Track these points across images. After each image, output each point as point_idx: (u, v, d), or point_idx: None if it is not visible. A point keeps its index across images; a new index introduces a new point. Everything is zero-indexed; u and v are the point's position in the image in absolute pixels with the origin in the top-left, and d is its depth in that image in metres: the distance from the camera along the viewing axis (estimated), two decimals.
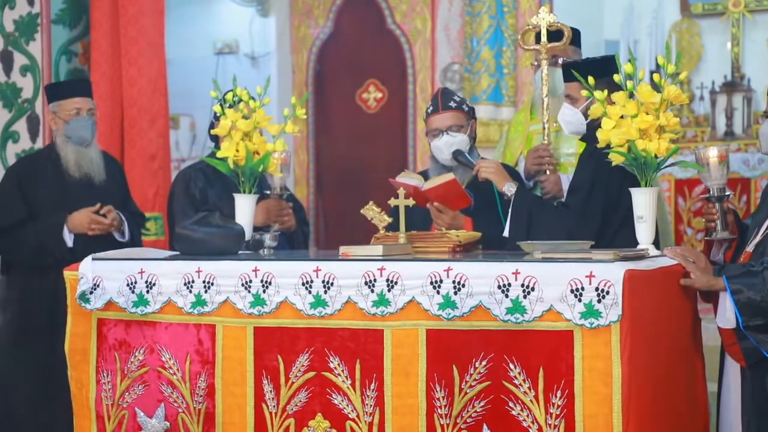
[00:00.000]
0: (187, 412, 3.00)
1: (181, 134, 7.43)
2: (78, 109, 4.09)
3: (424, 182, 3.44)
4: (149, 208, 5.40)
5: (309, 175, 7.26)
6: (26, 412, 4.03)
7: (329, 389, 2.83)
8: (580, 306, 2.55)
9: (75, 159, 4.09)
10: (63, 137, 4.11)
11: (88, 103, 4.14)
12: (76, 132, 4.07)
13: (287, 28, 7.17)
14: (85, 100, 4.14)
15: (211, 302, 2.96)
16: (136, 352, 3.06)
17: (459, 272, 2.69)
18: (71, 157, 4.09)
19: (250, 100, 3.46)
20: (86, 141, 4.10)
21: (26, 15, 5.47)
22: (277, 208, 3.75)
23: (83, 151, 4.11)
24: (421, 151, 6.76)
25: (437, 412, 2.70)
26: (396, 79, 6.91)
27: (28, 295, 4.03)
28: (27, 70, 5.50)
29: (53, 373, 3.80)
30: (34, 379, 3.99)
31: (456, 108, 3.62)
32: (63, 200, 4.04)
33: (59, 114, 4.12)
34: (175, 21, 6.23)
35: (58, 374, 3.64)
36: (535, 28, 3.79)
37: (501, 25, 6.28)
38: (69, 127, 4.08)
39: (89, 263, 3.11)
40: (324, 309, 2.82)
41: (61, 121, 4.11)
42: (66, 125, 4.09)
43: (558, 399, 2.58)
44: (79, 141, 4.09)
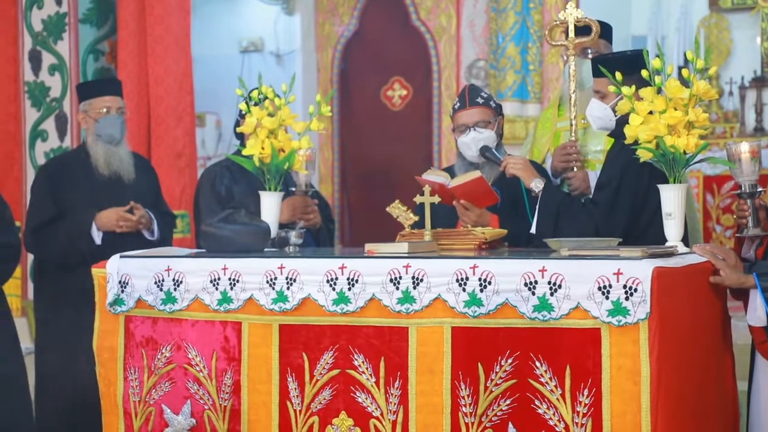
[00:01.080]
0: (212, 409, 3.01)
1: (207, 132, 7.46)
2: (108, 107, 4.13)
3: (451, 179, 3.43)
4: (176, 205, 5.43)
5: (334, 172, 7.27)
6: (56, 408, 4.06)
7: (353, 387, 2.83)
8: (607, 303, 2.53)
9: (105, 157, 4.12)
10: (93, 136, 4.15)
11: (117, 102, 4.17)
12: (106, 130, 4.10)
13: (312, 26, 7.17)
14: (115, 98, 4.17)
15: (236, 299, 2.97)
16: (162, 349, 3.07)
17: (485, 269, 2.67)
18: (101, 155, 4.12)
19: (276, 97, 3.46)
20: (115, 139, 4.13)
21: (54, 15, 5.52)
22: (302, 205, 3.75)
23: (113, 150, 4.13)
24: (446, 148, 6.74)
25: (462, 411, 2.69)
26: (421, 76, 6.89)
27: (58, 292, 4.06)
28: (55, 69, 5.55)
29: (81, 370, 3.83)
30: (63, 376, 4.02)
31: (483, 104, 3.60)
32: (92, 199, 4.07)
33: (89, 113, 4.15)
34: (200, 19, 6.26)
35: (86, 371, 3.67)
36: (563, 23, 3.76)
37: (527, 21, 6.24)
38: (99, 125, 4.11)
39: (116, 261, 3.13)
40: (346, 306, 2.82)
41: (91, 120, 4.14)
42: (96, 124, 4.12)
43: (585, 397, 2.56)
44: (109, 139, 4.12)
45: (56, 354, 4.07)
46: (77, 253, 3.98)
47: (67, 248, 4.01)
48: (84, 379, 3.79)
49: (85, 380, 3.76)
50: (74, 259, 3.98)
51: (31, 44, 5.60)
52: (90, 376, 3.35)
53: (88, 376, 3.57)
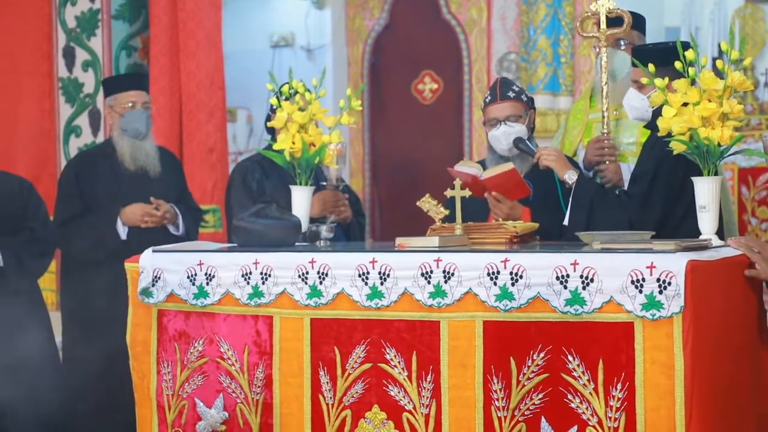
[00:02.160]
0: (245, 403, 3.02)
1: (239, 127, 7.49)
2: (133, 102, 4.15)
3: (482, 171, 3.41)
4: (207, 200, 5.46)
5: (364, 166, 7.27)
6: (89, 403, 4.10)
7: (385, 381, 2.82)
8: (641, 297, 2.51)
9: (130, 152, 4.15)
10: (119, 131, 4.18)
11: (143, 97, 4.20)
12: (132, 124, 4.13)
13: (343, 20, 7.17)
14: (140, 93, 4.19)
15: (268, 294, 2.98)
16: (195, 343, 3.09)
17: (516, 263, 2.66)
18: (127, 150, 4.15)
19: (306, 92, 3.47)
20: (141, 134, 4.16)
21: (87, 11, 5.57)
22: (333, 199, 3.75)
23: (139, 144, 4.16)
24: (477, 141, 6.72)
25: (494, 405, 2.68)
26: (451, 69, 6.87)
27: (85, 287, 4.10)
28: (88, 65, 5.60)
29: (112, 364, 3.87)
30: (95, 371, 4.06)
31: (515, 98, 3.59)
32: (118, 193, 4.10)
33: (115, 108, 4.19)
34: (231, 14, 6.28)
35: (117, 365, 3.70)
36: (594, 15, 3.73)
37: (558, 13, 6.19)
38: (124, 120, 4.14)
39: (149, 255, 3.15)
40: (380, 300, 2.82)
41: (116, 115, 4.18)
42: (121, 119, 4.15)
43: (618, 391, 2.54)
44: (134, 134, 4.15)
45: (84, 348, 4.11)
46: (103, 248, 4.01)
47: (93, 243, 4.04)
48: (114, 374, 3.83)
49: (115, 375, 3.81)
50: (100, 254, 4.02)
51: (65, 40, 5.65)
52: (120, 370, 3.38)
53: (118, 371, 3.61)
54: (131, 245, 3.83)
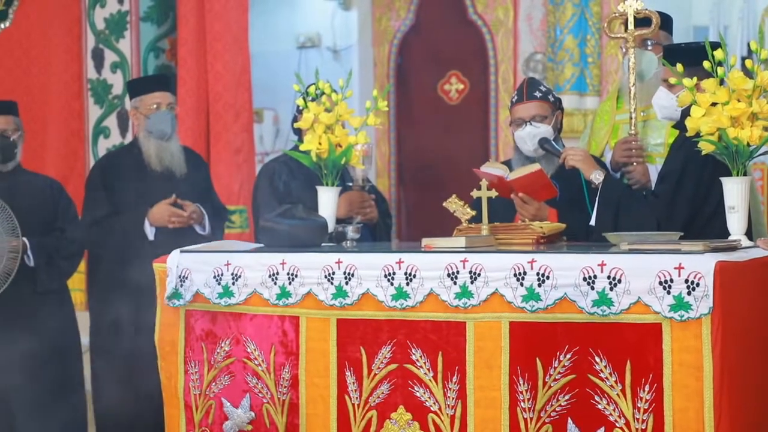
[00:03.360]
0: (271, 403, 3.04)
1: (265, 128, 7.51)
2: (158, 103, 4.18)
3: (509, 172, 3.41)
4: (234, 201, 5.49)
5: (390, 167, 7.26)
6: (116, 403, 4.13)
7: (411, 381, 2.82)
8: (669, 298, 2.49)
9: (156, 153, 4.17)
10: (144, 132, 4.21)
11: (167, 98, 4.22)
12: (157, 126, 4.16)
13: (369, 21, 7.18)
14: (165, 94, 4.22)
15: (295, 294, 2.98)
16: (222, 343, 3.10)
17: (543, 264, 2.65)
18: (152, 151, 4.18)
19: (333, 93, 3.47)
20: (166, 135, 4.18)
21: (116, 13, 5.62)
22: (359, 200, 3.76)
23: (164, 145, 4.19)
24: (503, 142, 6.69)
25: (520, 406, 2.67)
26: (478, 70, 6.85)
27: (113, 287, 4.13)
28: (117, 66, 5.65)
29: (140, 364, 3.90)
30: (123, 370, 4.09)
31: (541, 98, 3.57)
32: (145, 194, 4.12)
33: (140, 109, 4.21)
34: (258, 15, 6.30)
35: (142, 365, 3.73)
36: (622, 15, 3.71)
37: (585, 12, 6.16)
38: (149, 121, 4.17)
39: (177, 256, 3.17)
40: (406, 301, 2.82)
41: (142, 116, 4.20)
42: (147, 120, 4.18)
43: (646, 393, 2.53)
44: (160, 135, 4.17)
45: (112, 348, 4.14)
46: (131, 248, 4.04)
47: (121, 244, 4.07)
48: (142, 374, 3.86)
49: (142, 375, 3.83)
50: (128, 255, 4.05)
51: (94, 42, 5.70)
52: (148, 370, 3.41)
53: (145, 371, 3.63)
54: (158, 245, 3.85)
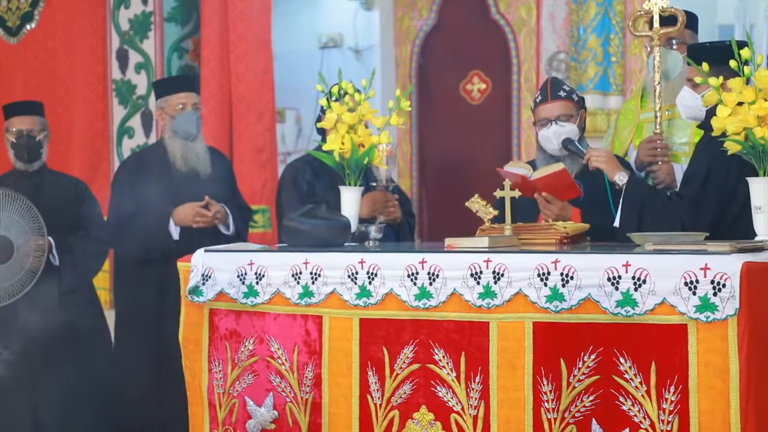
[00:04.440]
0: (294, 402, 3.04)
1: (287, 128, 7.52)
2: (183, 104, 4.19)
3: (532, 172, 3.39)
4: (257, 200, 5.50)
5: (412, 166, 7.26)
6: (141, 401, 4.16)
7: (434, 381, 2.82)
8: (694, 299, 2.48)
9: (181, 153, 4.19)
10: (170, 132, 4.22)
11: (193, 98, 4.24)
12: (182, 126, 4.18)
13: (391, 21, 7.17)
14: (190, 95, 4.23)
15: (318, 293, 2.99)
16: (246, 342, 3.11)
17: (567, 264, 2.64)
18: (178, 151, 4.20)
19: (356, 93, 3.48)
20: (192, 135, 4.20)
21: (140, 14, 5.65)
22: (382, 199, 3.76)
23: (189, 146, 4.21)
24: (526, 142, 6.67)
25: (544, 406, 2.66)
26: (500, 69, 6.83)
27: (137, 287, 4.15)
28: (141, 67, 5.68)
29: (163, 362, 3.93)
30: (147, 369, 4.11)
31: (565, 97, 3.56)
32: (170, 194, 4.14)
33: (166, 109, 4.23)
34: (280, 16, 6.32)
35: (167, 363, 3.75)
36: (647, 13, 3.69)
37: (609, 11, 6.12)
38: (175, 122, 4.18)
39: (201, 255, 3.18)
40: (429, 301, 2.81)
41: (167, 117, 4.22)
42: (172, 120, 4.19)
43: (671, 394, 2.51)
44: (185, 135, 4.19)
45: (137, 346, 4.17)
46: (156, 248, 4.06)
47: (146, 243, 4.09)
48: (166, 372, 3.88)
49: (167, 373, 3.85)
50: (153, 254, 4.07)
51: (119, 43, 5.74)
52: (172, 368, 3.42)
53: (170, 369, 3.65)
54: (183, 245, 3.87)
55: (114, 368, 4.26)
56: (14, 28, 6.15)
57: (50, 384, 4.01)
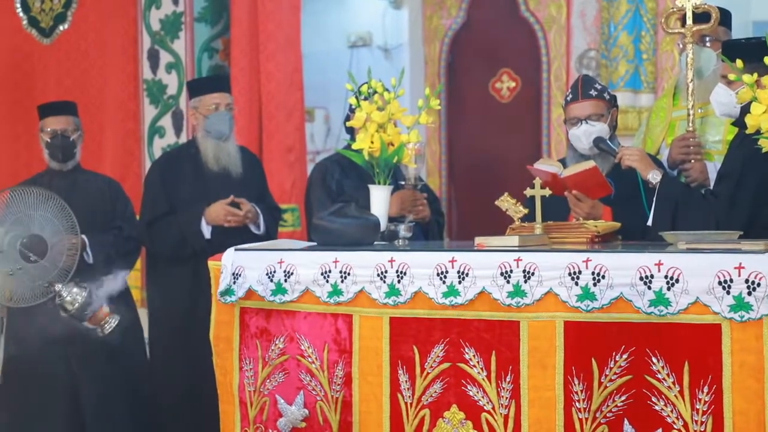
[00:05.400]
0: (325, 400, 3.05)
1: (316, 127, 7.55)
2: (217, 104, 4.22)
3: (563, 169, 3.37)
4: (286, 199, 5.52)
5: (441, 165, 7.25)
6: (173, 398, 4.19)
7: (464, 380, 2.82)
8: (728, 299, 2.45)
9: (214, 153, 4.22)
10: (203, 132, 4.25)
11: (226, 98, 4.26)
12: (215, 127, 4.20)
13: (420, 20, 7.17)
14: (224, 95, 4.26)
15: (347, 292, 2.99)
16: (276, 341, 3.12)
17: (598, 263, 2.62)
18: (210, 151, 4.22)
19: (385, 91, 3.47)
20: (224, 135, 4.23)
21: (171, 14, 5.69)
22: (411, 198, 3.76)
23: (222, 146, 4.23)
24: (555, 140, 6.63)
25: (575, 406, 2.65)
26: (530, 67, 6.80)
27: (169, 286, 4.18)
28: (172, 67, 5.72)
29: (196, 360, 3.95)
30: (179, 367, 4.14)
31: (596, 96, 3.53)
32: (202, 193, 4.17)
33: (199, 109, 4.25)
34: (309, 15, 6.33)
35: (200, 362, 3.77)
36: (680, 10, 3.65)
37: (640, 8, 6.07)
38: (209, 121, 4.21)
39: (231, 254, 3.20)
40: (456, 299, 2.81)
41: (201, 116, 4.24)
42: (205, 120, 4.22)
43: (705, 394, 2.49)
44: (218, 135, 4.22)
45: (168, 345, 4.20)
46: (188, 246, 4.09)
47: (179, 242, 4.12)
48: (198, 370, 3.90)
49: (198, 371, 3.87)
50: (185, 253, 4.10)
51: (150, 43, 5.78)
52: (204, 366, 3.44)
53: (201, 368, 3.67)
54: (215, 244, 3.89)
55: (148, 366, 4.29)
56: (47, 29, 6.22)
57: (87, 381, 4.05)
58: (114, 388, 4.11)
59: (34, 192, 3.40)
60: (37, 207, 3.40)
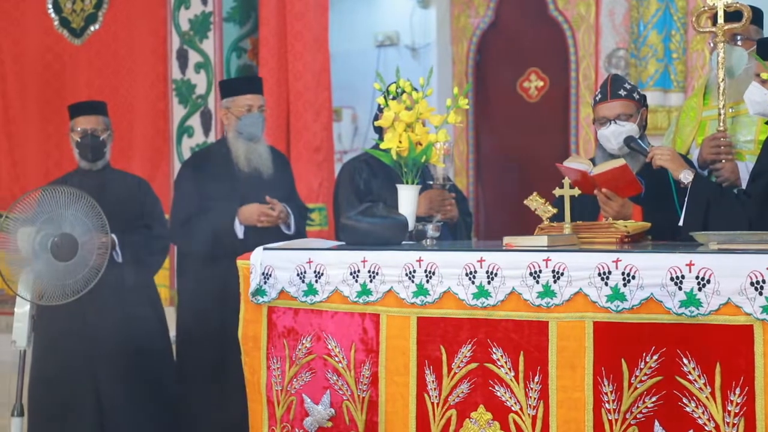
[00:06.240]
0: (351, 400, 3.05)
1: (343, 126, 7.56)
2: (249, 105, 4.23)
3: (592, 167, 3.35)
4: (314, 198, 5.54)
5: (468, 165, 7.23)
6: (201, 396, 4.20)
7: (492, 381, 2.80)
8: (761, 299, 2.42)
9: (245, 154, 4.23)
10: (234, 132, 4.26)
11: (259, 100, 4.27)
12: (247, 128, 4.21)
13: (447, 19, 7.16)
14: (257, 97, 4.27)
15: (375, 291, 2.99)
16: (303, 340, 3.13)
17: (628, 263, 2.60)
18: (241, 152, 4.23)
19: (413, 91, 3.47)
20: (256, 137, 4.24)
21: (200, 14, 5.72)
22: (439, 198, 3.75)
23: (253, 147, 4.24)
24: (584, 139, 6.60)
25: (605, 407, 2.63)
26: (558, 67, 6.77)
27: (201, 284, 4.20)
28: (200, 67, 5.75)
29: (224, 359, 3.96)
30: (207, 365, 4.16)
31: (626, 96, 3.50)
32: (233, 193, 4.18)
33: (232, 110, 4.26)
34: (337, 15, 6.35)
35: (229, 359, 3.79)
36: (711, 9, 3.62)
37: (670, 7, 6.03)
38: (241, 123, 4.22)
39: (260, 253, 3.20)
40: (487, 300, 2.80)
41: (233, 117, 4.25)
42: (238, 121, 4.23)
43: (737, 396, 2.46)
44: (250, 137, 4.23)
45: (197, 343, 4.21)
46: (221, 246, 4.11)
47: (211, 241, 4.14)
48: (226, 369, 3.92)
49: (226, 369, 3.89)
50: (217, 252, 4.11)
51: (179, 43, 5.82)
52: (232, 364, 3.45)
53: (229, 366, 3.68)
54: (247, 244, 3.91)
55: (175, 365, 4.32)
56: (78, 30, 6.28)
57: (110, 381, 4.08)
58: (138, 389, 4.13)
59: (64, 191, 3.43)
60: (68, 206, 3.43)
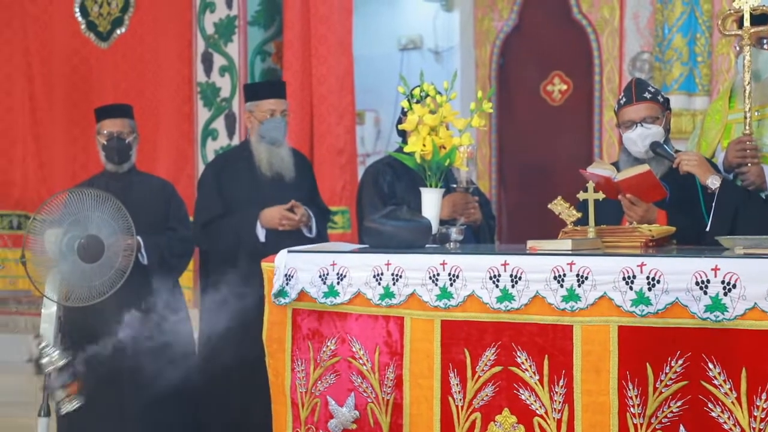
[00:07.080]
0: (375, 402, 3.05)
1: (366, 129, 7.57)
2: (273, 110, 4.26)
3: (616, 173, 3.34)
4: (337, 201, 5.55)
5: (491, 168, 7.22)
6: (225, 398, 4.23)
7: (516, 384, 2.81)
8: None
9: (267, 158, 4.25)
10: (257, 136, 4.29)
11: (282, 105, 4.30)
12: (270, 133, 4.23)
13: (471, 22, 7.15)
14: (280, 101, 4.29)
15: (399, 294, 3.00)
16: (328, 342, 3.14)
17: (653, 268, 2.60)
18: (264, 156, 4.26)
19: (437, 94, 3.48)
20: (278, 141, 4.27)
21: (225, 18, 5.76)
22: (463, 201, 3.75)
23: (275, 151, 4.27)
24: (608, 143, 6.57)
25: (630, 411, 2.62)
26: (581, 70, 6.74)
27: (223, 286, 4.23)
28: (225, 70, 5.79)
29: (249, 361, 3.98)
30: (231, 367, 4.18)
31: (651, 99, 3.50)
32: (255, 197, 4.21)
33: (255, 114, 4.29)
34: (360, 18, 6.36)
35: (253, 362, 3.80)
36: (737, 12, 3.60)
37: (695, 10, 5.99)
38: (263, 127, 4.25)
39: (284, 255, 3.22)
40: (510, 303, 2.80)
41: (256, 121, 4.28)
42: (261, 125, 4.26)
43: (763, 401, 2.44)
44: (272, 141, 4.25)
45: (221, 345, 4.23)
46: (243, 249, 4.13)
47: (234, 244, 4.16)
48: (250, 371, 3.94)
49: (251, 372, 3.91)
50: (241, 255, 4.13)
51: (204, 47, 5.86)
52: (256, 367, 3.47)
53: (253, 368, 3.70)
54: (269, 246, 3.93)
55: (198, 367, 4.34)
56: (105, 33, 6.34)
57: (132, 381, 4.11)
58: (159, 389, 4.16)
59: (91, 193, 3.47)
60: (95, 208, 3.46)
